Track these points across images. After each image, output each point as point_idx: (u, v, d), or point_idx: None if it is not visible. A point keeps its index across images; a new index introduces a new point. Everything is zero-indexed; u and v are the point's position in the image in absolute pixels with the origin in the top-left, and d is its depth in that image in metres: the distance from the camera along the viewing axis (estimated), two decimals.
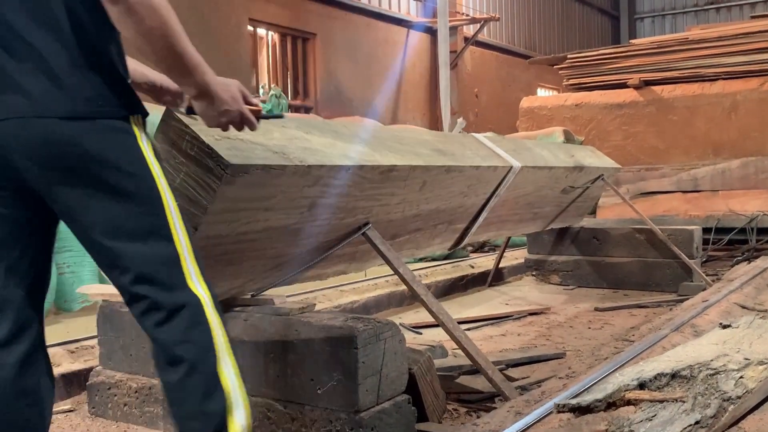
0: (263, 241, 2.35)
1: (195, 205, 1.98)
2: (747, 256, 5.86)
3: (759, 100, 7.89)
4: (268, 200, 2.18)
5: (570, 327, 3.98)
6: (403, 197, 2.94)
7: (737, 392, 1.91)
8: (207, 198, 1.97)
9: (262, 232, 2.28)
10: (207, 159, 1.94)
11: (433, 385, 2.40)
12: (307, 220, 2.39)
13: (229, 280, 2.36)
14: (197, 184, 1.97)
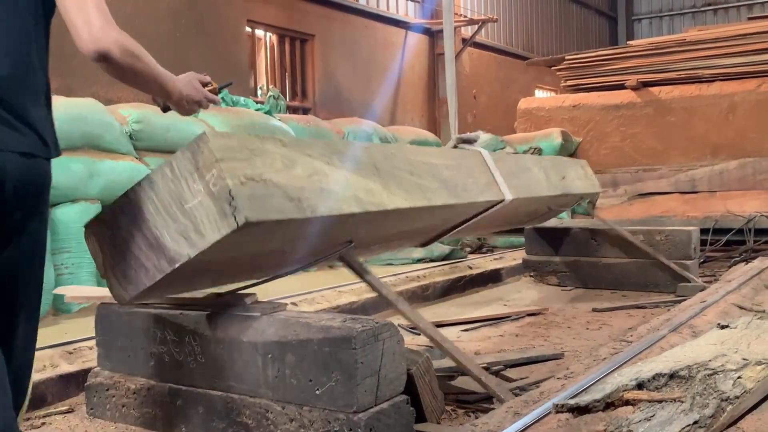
0: (250, 261, 2.40)
1: (198, 234, 1.99)
2: (745, 257, 5.86)
3: (756, 101, 7.91)
4: (269, 240, 2.21)
5: (568, 327, 3.98)
6: (394, 224, 2.97)
7: (735, 392, 1.91)
8: (211, 236, 1.99)
9: (251, 256, 2.32)
10: (225, 204, 1.97)
11: (431, 386, 2.40)
12: (298, 246, 2.43)
13: (208, 283, 2.43)
14: (207, 219, 1.99)
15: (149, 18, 6.90)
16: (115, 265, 2.15)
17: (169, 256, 2.05)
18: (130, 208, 2.12)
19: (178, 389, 2.41)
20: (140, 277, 2.10)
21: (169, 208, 2.06)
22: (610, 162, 8.75)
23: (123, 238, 2.12)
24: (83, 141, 4.73)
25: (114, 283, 2.16)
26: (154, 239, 2.07)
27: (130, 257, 2.11)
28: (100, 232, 2.18)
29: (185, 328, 2.38)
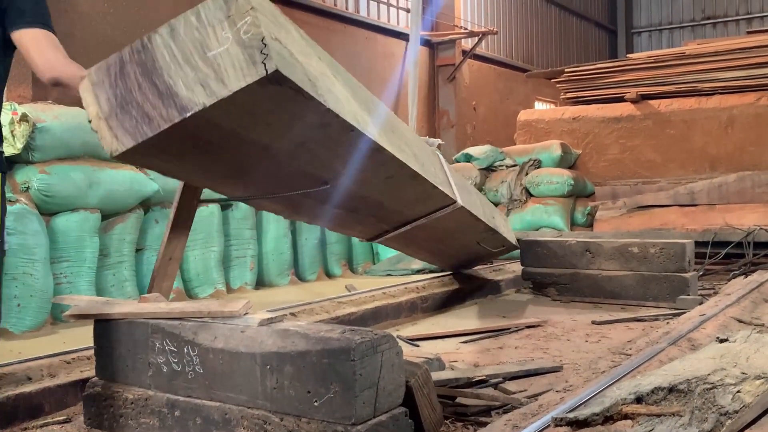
0: (244, 150, 2.35)
1: (219, 82, 1.94)
2: (744, 270, 5.86)
3: (755, 114, 7.93)
4: (275, 117, 2.18)
5: (567, 340, 3.98)
6: (367, 178, 2.97)
7: (734, 407, 1.91)
8: (235, 84, 1.94)
9: (248, 141, 2.28)
10: (256, 52, 1.93)
11: (430, 398, 2.40)
12: (290, 153, 2.41)
13: (195, 168, 2.39)
14: (233, 68, 1.95)
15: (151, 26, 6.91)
16: (112, 115, 2.09)
17: (181, 104, 2.00)
18: (143, 56, 2.06)
19: (176, 400, 2.40)
20: (140, 128, 2.05)
21: (189, 56, 2.01)
22: (609, 174, 8.76)
23: (127, 86, 2.07)
24: (83, 150, 4.73)
25: (106, 134, 2.10)
26: (166, 88, 2.02)
27: (132, 107, 2.06)
28: (99, 80, 2.12)
29: (183, 339, 2.38)
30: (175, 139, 2.09)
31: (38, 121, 4.51)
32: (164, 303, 2.64)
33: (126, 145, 2.08)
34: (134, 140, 2.06)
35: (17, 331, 4.17)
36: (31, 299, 4.22)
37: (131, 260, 4.98)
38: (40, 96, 5.71)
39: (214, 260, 5.57)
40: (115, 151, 2.11)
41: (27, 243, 4.22)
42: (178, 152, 2.29)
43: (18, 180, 4.43)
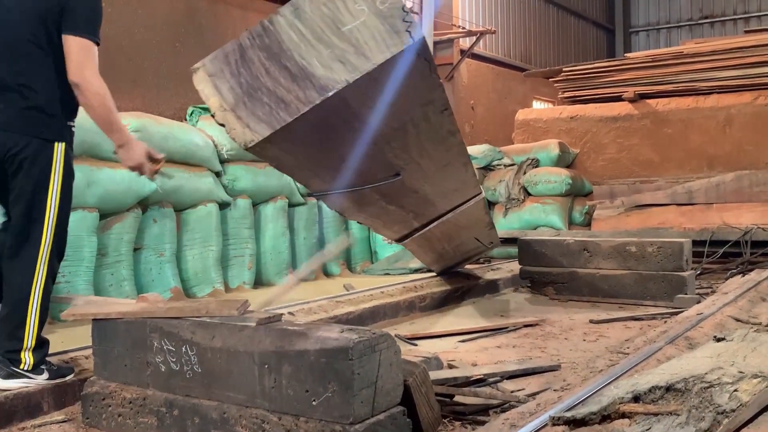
0: (351, 134, 2.26)
1: (360, 56, 1.86)
2: (741, 269, 5.87)
3: (753, 113, 7.94)
4: (398, 92, 2.10)
5: (565, 339, 3.98)
6: (429, 168, 2.94)
7: (731, 405, 1.91)
8: (379, 56, 1.88)
9: (360, 123, 2.18)
10: (398, 21, 1.87)
11: (428, 397, 2.40)
12: (385, 138, 2.34)
13: (307, 159, 2.31)
14: (373, 39, 1.88)
15: (148, 28, 6.92)
16: (239, 105, 1.97)
17: (320, 84, 1.92)
18: (266, 40, 1.96)
19: (174, 399, 2.40)
20: (276, 114, 1.95)
21: (321, 33, 1.92)
22: (607, 173, 8.77)
23: (252, 73, 1.97)
24: (82, 149, 4.72)
25: (236, 125, 1.99)
26: (299, 69, 1.93)
27: (263, 93, 1.96)
28: (217, 70, 2.01)
29: (182, 338, 2.38)
30: (307, 124, 1.98)
31: None
32: (162, 302, 2.64)
33: (262, 133, 1.97)
34: (271, 128, 1.96)
35: None
36: None
37: (129, 260, 4.98)
38: None
39: (213, 259, 5.57)
40: (249, 142, 2.00)
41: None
42: (303, 140, 2.17)
43: None
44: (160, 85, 6.99)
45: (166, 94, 7.01)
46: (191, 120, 6.39)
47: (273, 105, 1.95)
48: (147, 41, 6.91)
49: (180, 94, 7.10)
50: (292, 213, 6.45)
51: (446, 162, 3.18)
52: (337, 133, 2.28)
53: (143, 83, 6.84)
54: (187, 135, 5.63)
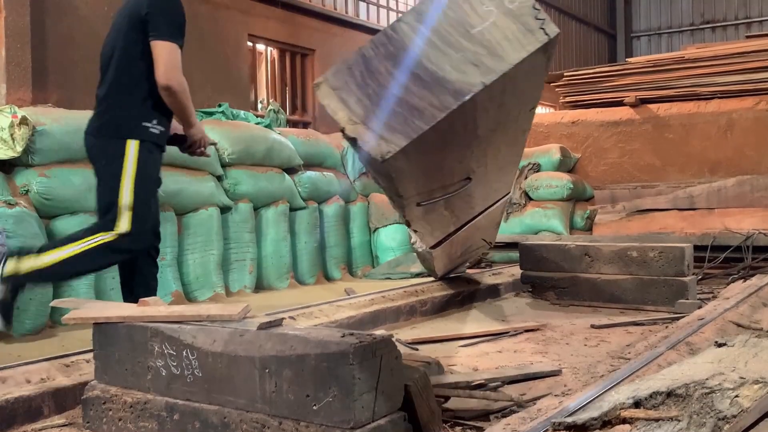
0: (468, 138, 2.25)
1: (494, 57, 1.85)
2: (743, 274, 5.86)
3: (754, 118, 7.94)
4: (520, 90, 2.12)
5: (566, 344, 3.98)
6: (490, 170, 2.92)
7: (733, 411, 1.91)
8: (514, 56, 1.86)
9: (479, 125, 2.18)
10: (530, 19, 1.87)
11: (429, 402, 2.40)
12: (484, 139, 2.32)
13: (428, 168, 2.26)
14: (506, 39, 1.86)
15: None
16: (370, 116, 1.91)
17: (454, 89, 1.89)
18: (390, 48, 1.93)
19: (174, 403, 2.40)
20: (411, 123, 1.90)
21: (449, 37, 1.90)
22: (608, 178, 8.77)
23: (380, 83, 1.92)
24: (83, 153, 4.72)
25: (369, 138, 1.93)
26: (429, 75, 1.90)
27: (394, 103, 1.92)
28: (341, 83, 1.96)
29: (182, 342, 2.38)
30: (436, 131, 1.94)
31: (38, 124, 4.52)
32: (163, 306, 2.64)
33: (399, 144, 1.91)
34: (407, 138, 1.91)
35: (16, 334, 4.17)
36: (30, 302, 4.22)
37: None
38: (40, 99, 5.72)
39: (214, 263, 5.57)
40: (386, 154, 1.93)
41: (26, 246, 4.22)
42: (427, 149, 2.12)
43: (17, 183, 4.44)
44: None
45: None
46: None
47: (407, 114, 1.91)
48: None
49: None
50: (293, 217, 6.46)
51: (505, 163, 3.14)
52: (451, 139, 2.23)
53: None
54: None
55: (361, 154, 2.00)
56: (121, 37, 3.19)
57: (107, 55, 3.31)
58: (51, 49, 6.00)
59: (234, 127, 6.22)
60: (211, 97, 7.34)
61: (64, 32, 6.11)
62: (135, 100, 3.20)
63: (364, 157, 2.04)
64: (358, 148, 1.97)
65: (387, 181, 2.39)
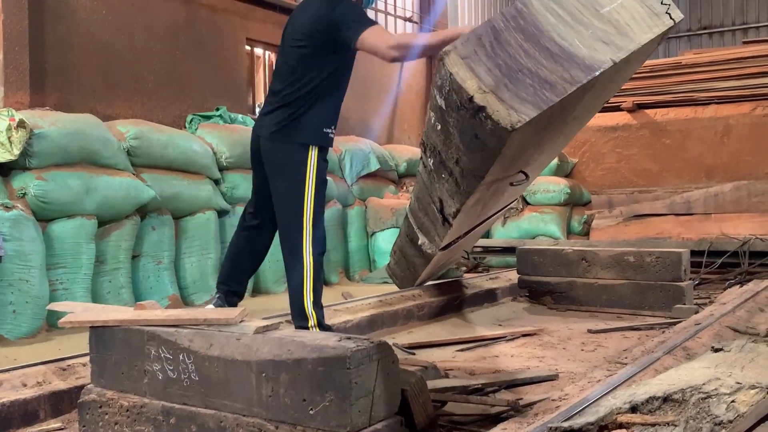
0: (561, 121, 2.34)
1: (623, 36, 1.92)
2: (739, 280, 5.87)
3: (751, 124, 7.97)
4: (613, 78, 2.19)
5: (563, 348, 3.98)
6: (530, 166, 2.97)
7: (729, 416, 1.91)
8: (642, 36, 1.97)
9: (573, 108, 2.24)
10: (656, 3, 2.00)
11: (425, 407, 2.40)
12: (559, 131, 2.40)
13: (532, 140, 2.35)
14: (633, 20, 1.96)
15: (148, 35, 6.94)
16: (500, 87, 1.95)
17: (585, 64, 1.95)
18: (520, 21, 1.98)
19: (171, 407, 2.40)
20: (542, 95, 1.95)
21: (579, 15, 1.97)
22: (605, 183, 8.79)
23: (511, 55, 1.97)
24: (81, 156, 4.74)
25: (499, 107, 1.97)
26: (560, 50, 1.96)
27: (524, 75, 1.96)
28: (470, 52, 2.00)
29: (179, 346, 2.38)
30: (554, 110, 1.99)
31: (36, 127, 4.52)
32: (160, 310, 2.64)
33: (529, 114, 1.95)
34: (537, 108, 1.95)
35: (13, 338, 4.17)
36: (26, 306, 4.22)
37: (127, 267, 4.97)
38: (37, 102, 5.72)
39: (211, 267, 5.57)
40: (516, 123, 1.97)
41: (23, 249, 4.21)
42: (540, 124, 2.14)
43: (15, 186, 4.43)
44: (160, 92, 7.00)
45: (165, 101, 7.02)
46: (190, 128, 6.41)
47: (537, 86, 1.95)
48: (147, 49, 6.93)
49: (180, 102, 7.11)
50: None
51: (540, 165, 3.19)
52: (553, 120, 2.28)
53: (143, 91, 6.85)
54: (187, 142, 5.64)
55: (479, 125, 2.02)
56: (301, 45, 3.24)
57: (283, 63, 3.36)
58: (49, 53, 6.00)
59: (232, 131, 6.22)
60: (209, 100, 7.34)
61: (62, 35, 6.11)
62: (320, 106, 3.29)
63: (476, 129, 2.05)
64: (483, 118, 2.00)
65: (486, 156, 2.37)
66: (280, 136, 3.24)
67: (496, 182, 2.93)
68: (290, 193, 3.21)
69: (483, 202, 3.26)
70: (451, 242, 4.02)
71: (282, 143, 3.23)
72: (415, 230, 4.21)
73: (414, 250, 4.48)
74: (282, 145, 3.23)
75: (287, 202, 3.23)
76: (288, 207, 3.22)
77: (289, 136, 3.22)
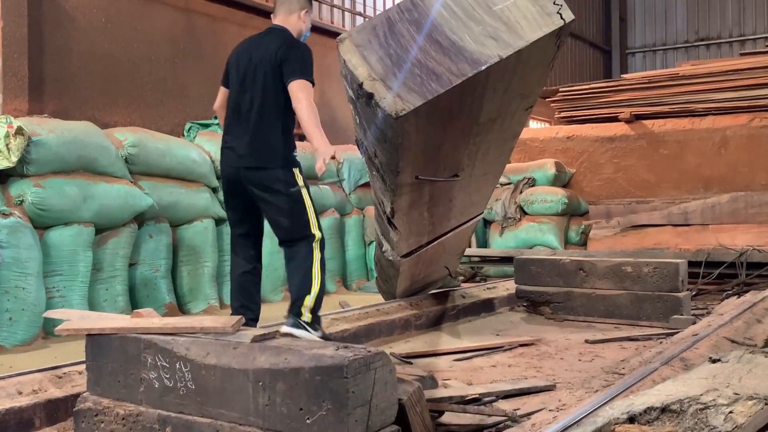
0: (473, 117, 2.41)
1: (513, 34, 1.98)
2: (737, 291, 5.87)
3: (748, 135, 7.99)
4: (527, 73, 2.27)
5: (561, 359, 3.97)
6: (476, 173, 3.01)
7: (727, 427, 1.91)
8: (531, 35, 2.02)
9: (484, 106, 2.32)
10: (549, 3, 2.03)
11: (422, 416, 2.39)
12: (481, 129, 2.50)
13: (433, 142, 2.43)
14: (524, 19, 2.00)
15: (147, 43, 6.95)
16: (389, 75, 2.05)
17: (472, 58, 2.02)
18: (415, 14, 2.05)
19: (167, 416, 2.39)
20: (428, 85, 2.03)
21: (472, 11, 2.03)
22: (603, 193, 8.79)
23: (402, 45, 2.05)
24: (78, 164, 4.73)
25: (386, 95, 2.06)
26: (450, 44, 2.03)
27: (413, 65, 2.04)
28: (364, 41, 2.09)
29: (176, 354, 2.37)
30: (446, 100, 2.06)
31: (34, 134, 4.51)
32: (157, 318, 2.63)
33: (414, 103, 2.05)
34: (422, 98, 2.04)
35: (9, 345, 4.15)
36: (23, 313, 4.20)
37: (124, 275, 4.96)
38: (36, 110, 5.72)
39: (207, 275, 5.55)
40: (400, 111, 2.07)
41: (20, 256, 4.20)
42: (434, 119, 2.24)
43: (12, 193, 4.43)
44: (159, 100, 7.01)
45: (164, 109, 7.03)
46: (189, 136, 6.40)
47: (424, 76, 2.04)
48: (146, 57, 6.94)
49: (178, 110, 7.11)
50: None
51: (488, 171, 3.24)
52: (456, 116, 2.36)
53: (142, 99, 6.86)
54: (185, 150, 5.64)
55: (374, 114, 2.08)
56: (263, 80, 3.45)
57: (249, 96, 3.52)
58: (48, 60, 6.00)
59: None
60: (208, 109, 7.34)
61: (61, 43, 6.11)
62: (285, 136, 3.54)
63: (374, 118, 2.12)
64: (373, 105, 2.06)
65: (390, 149, 2.45)
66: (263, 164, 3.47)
67: (428, 185, 2.96)
68: (289, 205, 3.44)
69: (425, 207, 3.30)
70: (412, 251, 4.04)
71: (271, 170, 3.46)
72: (380, 237, 4.24)
73: (385, 260, 4.48)
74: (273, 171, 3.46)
75: (287, 213, 3.45)
76: (289, 217, 3.45)
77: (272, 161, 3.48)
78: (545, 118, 15.22)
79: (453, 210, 3.65)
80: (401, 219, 3.33)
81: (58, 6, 6.13)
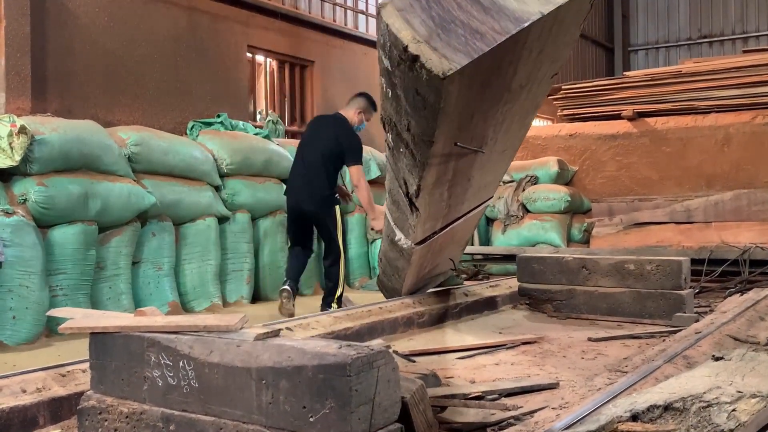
0: (507, 83, 2.46)
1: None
2: (739, 288, 5.87)
3: (751, 133, 7.98)
4: (560, 37, 2.35)
5: (563, 357, 3.97)
6: (496, 150, 3.03)
7: (730, 425, 1.91)
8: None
9: (517, 71, 2.35)
10: None
11: (425, 415, 2.39)
12: (510, 98, 2.56)
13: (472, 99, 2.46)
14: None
15: (150, 42, 6.96)
16: (433, 37, 2.06)
17: (515, 16, 2.04)
18: None
19: (171, 414, 2.39)
20: (473, 44, 2.05)
21: None
22: (606, 191, 8.79)
23: (444, 7, 2.07)
24: (81, 162, 4.74)
25: (432, 55, 2.07)
26: (491, 2, 2.05)
27: (457, 26, 2.05)
28: (406, 4, 2.10)
29: (179, 353, 2.37)
30: (492, 60, 2.08)
31: (37, 133, 4.52)
32: (160, 316, 2.64)
33: (460, 62, 2.05)
34: (468, 57, 2.05)
35: (12, 344, 4.16)
36: (26, 311, 4.21)
37: (127, 273, 4.97)
38: (39, 108, 5.73)
39: (211, 273, 5.56)
40: (447, 71, 2.07)
41: (23, 255, 4.21)
42: (476, 81, 2.26)
43: (16, 192, 4.44)
44: (161, 99, 7.01)
45: (166, 108, 7.03)
46: (191, 134, 6.41)
47: (468, 36, 2.05)
48: (148, 56, 6.94)
49: (181, 109, 7.12)
50: None
51: (507, 146, 3.27)
52: (493, 82, 2.38)
53: (144, 97, 6.86)
54: (187, 149, 5.65)
55: (417, 78, 2.11)
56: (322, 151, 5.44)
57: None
58: (51, 59, 6.01)
59: (233, 138, 6.23)
60: (210, 107, 7.36)
61: (64, 42, 6.12)
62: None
63: (416, 83, 2.13)
64: (418, 68, 2.09)
65: (429, 115, 2.45)
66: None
67: (453, 158, 2.97)
68: (331, 228, 5.50)
69: (446, 185, 3.30)
70: (426, 237, 4.04)
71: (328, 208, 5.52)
72: (392, 226, 4.23)
73: (395, 252, 4.47)
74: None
75: (328, 233, 5.53)
76: (329, 234, 5.53)
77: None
78: (548, 115, 15.21)
79: (468, 191, 3.66)
80: (424, 199, 3.35)
81: (61, 5, 6.14)
